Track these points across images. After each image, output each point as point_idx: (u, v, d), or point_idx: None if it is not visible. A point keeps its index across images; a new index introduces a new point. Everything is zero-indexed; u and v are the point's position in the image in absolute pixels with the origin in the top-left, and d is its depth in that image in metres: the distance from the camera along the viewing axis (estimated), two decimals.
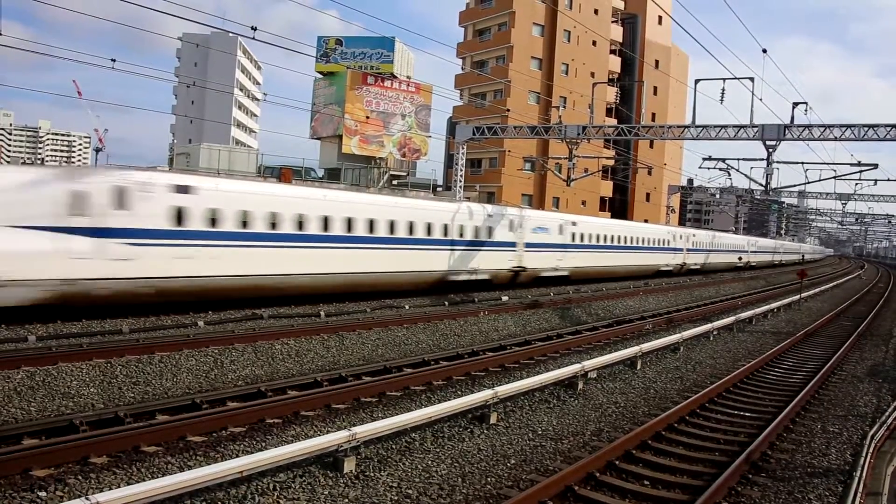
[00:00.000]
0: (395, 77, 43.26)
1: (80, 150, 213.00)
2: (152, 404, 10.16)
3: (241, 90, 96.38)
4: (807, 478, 8.62)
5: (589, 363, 13.20)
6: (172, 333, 15.16)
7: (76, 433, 8.60)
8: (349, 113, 40.31)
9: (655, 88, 67.62)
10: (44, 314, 15.00)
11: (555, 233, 31.55)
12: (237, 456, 8.00)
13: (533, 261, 29.62)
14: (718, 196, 79.54)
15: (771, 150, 27.45)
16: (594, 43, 60.16)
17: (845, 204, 61.96)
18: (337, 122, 41.07)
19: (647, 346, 15.83)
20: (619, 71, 65.17)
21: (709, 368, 15.67)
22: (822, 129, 26.73)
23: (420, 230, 23.90)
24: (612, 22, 63.99)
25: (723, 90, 28.40)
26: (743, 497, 7.95)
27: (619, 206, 66.61)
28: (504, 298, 24.87)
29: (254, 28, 19.85)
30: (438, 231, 24.76)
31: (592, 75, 57.89)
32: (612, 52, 63.78)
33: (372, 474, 7.97)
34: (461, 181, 34.57)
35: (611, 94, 62.66)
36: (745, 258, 62.04)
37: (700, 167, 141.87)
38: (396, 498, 7.41)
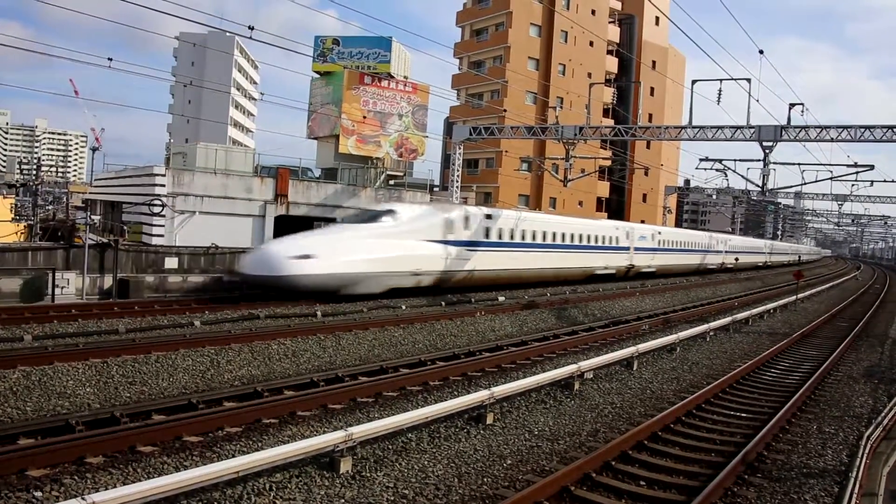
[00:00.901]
0: (392, 77, 43.21)
1: (77, 150, 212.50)
2: (148, 404, 10.14)
3: (238, 90, 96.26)
4: (803, 478, 8.64)
5: (585, 364, 13.21)
6: (169, 333, 15.15)
7: (72, 433, 8.57)
8: (346, 113, 40.24)
9: (652, 89, 67.70)
10: (427, 292, 23.93)
11: (649, 240, 40.99)
12: (233, 456, 7.98)
13: (638, 260, 39.27)
14: (715, 197, 79.52)
15: (767, 151, 27.53)
16: (591, 43, 60.23)
17: (841, 205, 62.08)
18: (334, 122, 40.99)
19: (644, 347, 15.84)
20: (616, 71, 65.22)
21: (705, 369, 15.68)
22: (819, 130, 26.81)
23: (580, 240, 33.51)
24: (610, 22, 64.04)
25: (720, 91, 28.51)
26: (739, 498, 7.96)
27: (616, 207, 66.58)
28: (501, 299, 24.91)
29: (251, 27, 19.84)
30: (590, 240, 34.46)
31: (589, 76, 57.92)
32: (609, 53, 63.83)
33: (368, 474, 7.96)
34: (458, 181, 34.64)
35: (608, 95, 62.71)
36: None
37: (697, 168, 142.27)
38: (393, 498, 7.40)
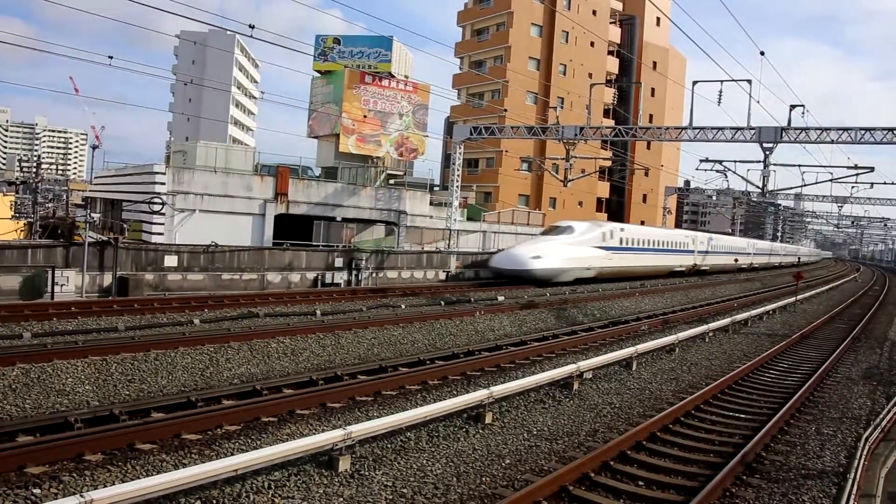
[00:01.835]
0: (393, 76, 43.20)
1: (77, 147, 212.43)
2: (147, 402, 10.14)
3: (239, 88, 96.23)
4: (801, 479, 8.65)
5: (584, 363, 13.21)
6: (168, 331, 15.16)
7: (71, 430, 8.58)
8: (346, 112, 40.22)
9: (653, 90, 67.73)
10: (588, 281, 33.84)
11: (706, 244, 51.45)
12: (232, 454, 7.98)
13: (698, 261, 49.24)
14: (715, 198, 79.47)
15: (768, 153, 27.57)
16: (592, 44, 60.24)
17: (841, 207, 62.08)
18: (334, 121, 40.97)
19: (643, 347, 15.83)
20: (617, 72, 65.22)
21: (704, 370, 15.68)
22: (819, 132, 26.84)
23: (666, 245, 43.98)
24: (611, 23, 64.05)
25: (720, 92, 28.61)
26: (737, 498, 7.96)
27: (616, 208, 66.58)
28: (500, 298, 24.89)
29: (251, 26, 19.86)
30: (671, 245, 44.84)
31: (590, 76, 57.95)
32: (610, 54, 63.84)
33: (367, 473, 7.96)
34: (458, 181, 34.66)
35: (608, 95, 62.75)
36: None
37: (697, 169, 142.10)
38: (391, 497, 7.40)
